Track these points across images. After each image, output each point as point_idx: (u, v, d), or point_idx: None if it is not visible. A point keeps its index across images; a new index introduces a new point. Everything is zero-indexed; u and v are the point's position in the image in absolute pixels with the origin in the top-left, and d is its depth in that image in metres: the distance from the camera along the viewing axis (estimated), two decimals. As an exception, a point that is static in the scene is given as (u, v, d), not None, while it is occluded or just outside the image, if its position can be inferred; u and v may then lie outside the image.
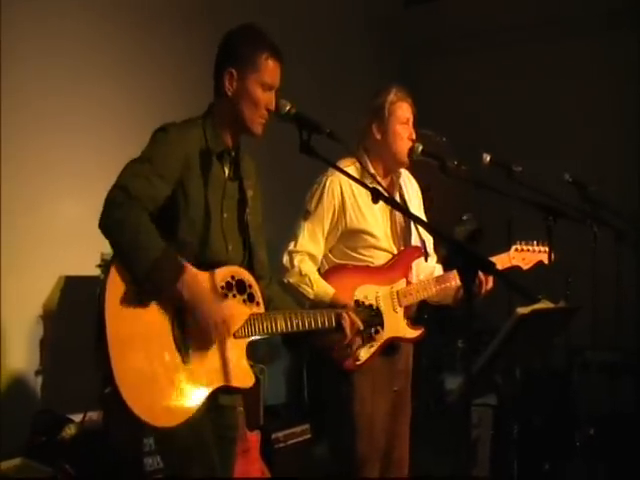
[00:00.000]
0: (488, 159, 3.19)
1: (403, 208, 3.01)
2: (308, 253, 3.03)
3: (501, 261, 3.17)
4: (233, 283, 2.45)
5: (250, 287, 2.49)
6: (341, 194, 3.05)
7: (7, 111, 3.92)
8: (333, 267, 3.08)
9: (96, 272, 3.81)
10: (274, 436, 4.34)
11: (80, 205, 4.19)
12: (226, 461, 2.51)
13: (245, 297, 2.47)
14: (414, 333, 3.11)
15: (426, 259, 3.16)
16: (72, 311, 4.10)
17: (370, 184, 2.34)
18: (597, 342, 4.05)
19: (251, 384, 2.44)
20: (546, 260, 3.19)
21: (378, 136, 3.10)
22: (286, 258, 3.03)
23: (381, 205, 3.03)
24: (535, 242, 3.22)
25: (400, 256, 3.11)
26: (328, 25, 5.84)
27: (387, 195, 2.36)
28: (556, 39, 5.70)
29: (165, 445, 2.48)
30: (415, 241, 3.15)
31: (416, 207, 3.25)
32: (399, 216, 3.15)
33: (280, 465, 4.24)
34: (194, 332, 2.34)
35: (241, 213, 2.55)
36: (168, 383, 2.27)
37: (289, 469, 4.30)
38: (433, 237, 3.16)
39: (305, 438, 4.52)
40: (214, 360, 2.37)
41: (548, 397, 4.44)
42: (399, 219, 3.16)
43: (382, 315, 2.81)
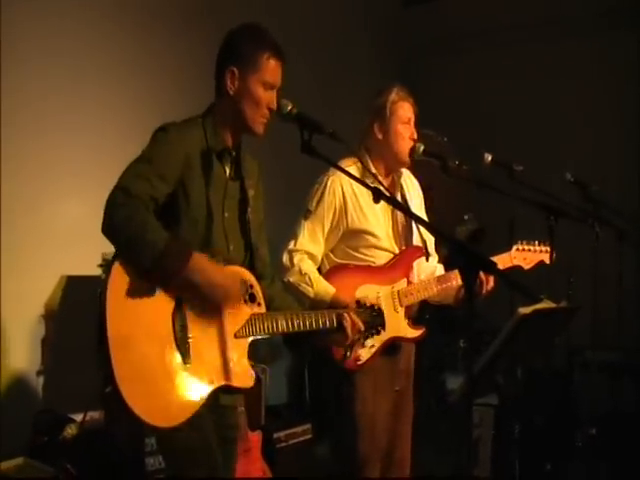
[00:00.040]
0: (489, 159, 3.19)
1: (404, 208, 3.01)
2: (308, 252, 3.03)
3: (502, 261, 3.17)
4: None
5: (251, 287, 2.48)
6: (342, 194, 3.05)
7: (7, 111, 3.91)
8: (334, 267, 3.08)
9: (97, 272, 3.82)
10: (275, 436, 4.35)
11: (82, 205, 4.19)
12: (227, 461, 2.51)
13: (246, 297, 2.46)
14: (415, 333, 3.11)
15: (427, 259, 3.16)
16: (73, 311, 4.10)
17: (371, 184, 2.34)
18: (598, 342, 4.05)
19: (252, 384, 2.43)
20: (547, 260, 3.19)
21: (379, 136, 3.10)
22: (286, 257, 3.03)
23: (382, 205, 3.02)
24: (536, 242, 3.22)
25: (401, 256, 3.11)
26: (329, 25, 5.83)
27: (388, 195, 2.36)
28: (556, 39, 5.69)
29: (167, 445, 2.47)
30: (416, 241, 3.15)
31: (417, 207, 3.24)
32: (400, 216, 3.14)
33: (281, 465, 4.24)
34: (205, 304, 2.33)
35: (242, 213, 2.54)
36: (169, 383, 2.27)
37: (290, 469, 4.31)
38: (434, 237, 3.15)
39: (306, 438, 4.52)
40: (215, 360, 2.36)
41: (549, 397, 4.44)
42: (400, 219, 3.16)
43: (383, 315, 2.80)
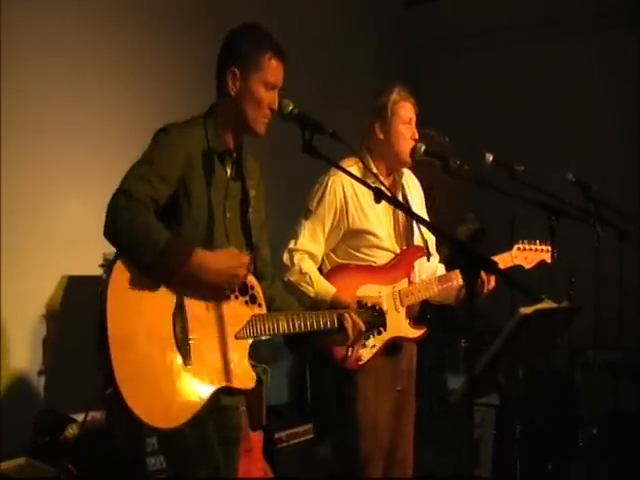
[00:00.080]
0: (491, 159, 3.19)
1: (406, 207, 3.00)
2: (308, 252, 3.03)
3: (504, 260, 3.16)
4: None
5: (252, 288, 2.48)
6: (343, 194, 3.05)
7: (8, 111, 3.91)
8: (336, 267, 3.08)
9: (99, 272, 3.82)
10: (277, 436, 4.34)
11: (83, 205, 4.20)
12: (230, 461, 2.50)
13: (247, 298, 2.46)
14: (416, 333, 3.11)
15: (428, 259, 3.15)
16: (75, 311, 4.10)
17: (372, 184, 2.33)
18: (600, 342, 4.04)
19: (252, 385, 2.43)
20: (549, 259, 3.19)
21: (381, 136, 3.09)
22: (286, 256, 3.03)
23: (384, 205, 3.03)
24: (537, 241, 3.22)
25: (402, 256, 3.11)
26: (329, 25, 5.83)
27: (390, 194, 2.35)
28: (556, 39, 5.69)
29: (168, 445, 2.47)
30: (417, 241, 3.14)
31: (418, 207, 3.24)
32: (402, 216, 3.14)
33: (283, 465, 4.24)
34: (209, 291, 2.34)
35: (244, 213, 2.54)
36: (169, 384, 2.27)
37: (292, 469, 4.30)
38: (436, 237, 3.15)
39: (308, 438, 4.52)
40: (216, 361, 2.36)
41: (551, 397, 4.44)
42: (402, 219, 3.15)
43: (385, 315, 2.79)
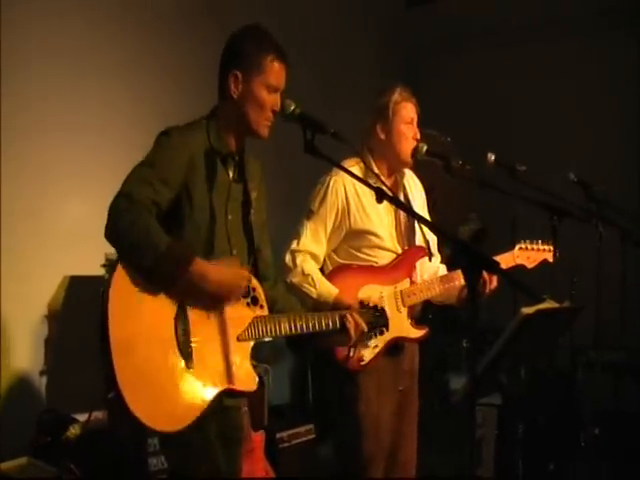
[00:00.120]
0: (493, 159, 3.18)
1: (407, 207, 3.00)
2: (310, 253, 3.03)
3: (505, 260, 3.16)
4: None
5: (254, 290, 2.48)
6: (345, 194, 3.04)
7: (8, 111, 3.91)
8: (337, 267, 3.08)
9: (100, 272, 3.81)
10: (278, 436, 4.34)
11: (85, 205, 4.20)
12: (233, 462, 2.50)
13: (249, 300, 2.46)
14: (418, 333, 3.11)
15: (430, 259, 3.16)
16: (77, 311, 4.10)
17: (374, 184, 2.34)
18: (601, 342, 4.04)
19: (254, 387, 2.42)
20: (551, 259, 3.18)
21: (382, 136, 3.09)
22: (288, 257, 3.02)
23: (385, 205, 3.03)
24: (539, 241, 3.22)
25: (404, 256, 3.11)
26: (331, 25, 5.83)
27: (391, 195, 2.35)
28: (556, 39, 5.68)
29: (169, 445, 2.47)
30: (419, 241, 3.14)
31: (420, 207, 3.24)
32: (403, 216, 3.14)
33: (284, 465, 4.24)
34: (208, 303, 2.34)
35: (245, 215, 2.54)
36: (171, 387, 2.27)
37: (293, 469, 4.30)
38: (437, 237, 3.15)
39: (309, 438, 4.52)
40: (218, 363, 2.36)
41: (553, 397, 4.43)
42: (403, 219, 3.15)
43: (386, 316, 2.79)
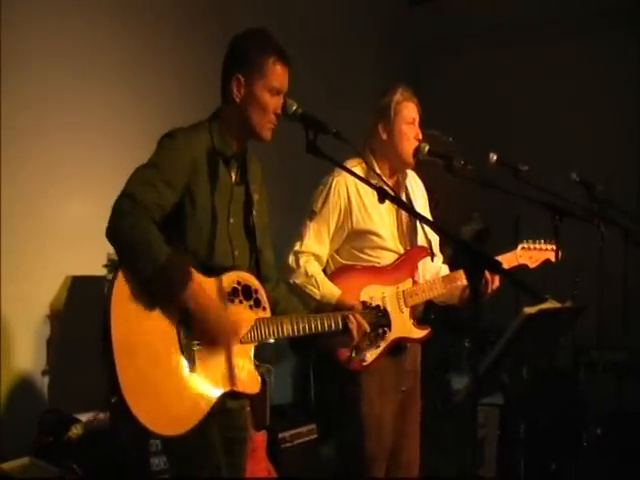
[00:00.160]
0: (495, 158, 3.18)
1: (409, 207, 3.00)
2: (313, 254, 3.03)
3: (508, 260, 3.16)
4: (239, 289, 2.44)
5: (256, 292, 2.48)
6: (347, 194, 3.04)
7: (8, 111, 3.90)
8: (340, 268, 3.08)
9: (103, 272, 3.82)
10: (280, 436, 4.34)
11: (86, 204, 4.20)
12: (237, 462, 2.51)
13: (251, 303, 2.46)
14: (420, 333, 3.10)
15: (432, 259, 3.16)
16: (79, 311, 4.10)
17: (376, 184, 2.33)
18: (604, 342, 4.04)
19: (257, 390, 2.42)
20: (553, 258, 3.18)
21: (384, 136, 3.09)
22: (292, 259, 3.02)
23: (387, 205, 3.03)
24: (542, 240, 3.21)
25: (406, 256, 3.10)
26: (332, 25, 5.82)
27: (393, 195, 2.35)
28: (556, 39, 5.68)
29: (170, 445, 2.47)
30: (421, 241, 3.14)
31: (422, 207, 3.23)
32: (405, 216, 3.14)
33: (286, 465, 4.24)
34: (201, 337, 2.34)
35: (247, 217, 2.54)
36: (174, 391, 2.26)
37: (295, 469, 4.30)
38: (439, 237, 3.15)
39: (311, 438, 4.52)
40: (220, 366, 2.36)
41: (555, 397, 4.43)
42: (405, 219, 3.15)
43: (389, 316, 2.79)
